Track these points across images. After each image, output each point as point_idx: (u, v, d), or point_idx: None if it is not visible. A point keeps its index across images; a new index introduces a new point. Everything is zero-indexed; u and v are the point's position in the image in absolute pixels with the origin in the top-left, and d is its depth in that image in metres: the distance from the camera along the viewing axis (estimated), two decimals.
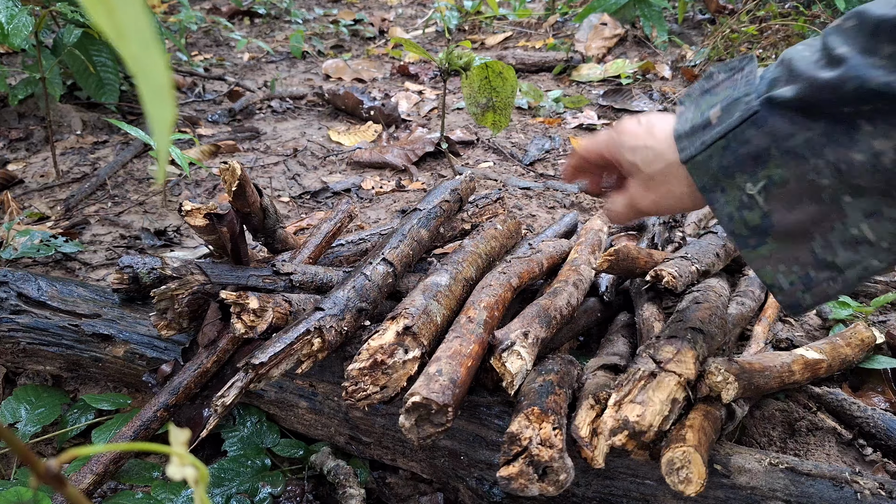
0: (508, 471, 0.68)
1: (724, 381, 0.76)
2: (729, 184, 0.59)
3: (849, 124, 0.53)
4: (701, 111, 0.62)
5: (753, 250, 0.60)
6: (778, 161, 0.56)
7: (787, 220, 0.58)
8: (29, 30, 1.57)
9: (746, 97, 0.58)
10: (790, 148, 0.56)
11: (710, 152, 0.59)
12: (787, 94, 0.56)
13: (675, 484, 0.68)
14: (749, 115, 0.57)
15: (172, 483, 0.88)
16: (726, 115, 0.59)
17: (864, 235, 0.55)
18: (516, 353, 0.80)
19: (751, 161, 0.57)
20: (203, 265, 0.94)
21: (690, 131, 0.62)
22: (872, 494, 0.73)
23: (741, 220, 0.60)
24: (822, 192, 0.55)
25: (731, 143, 0.58)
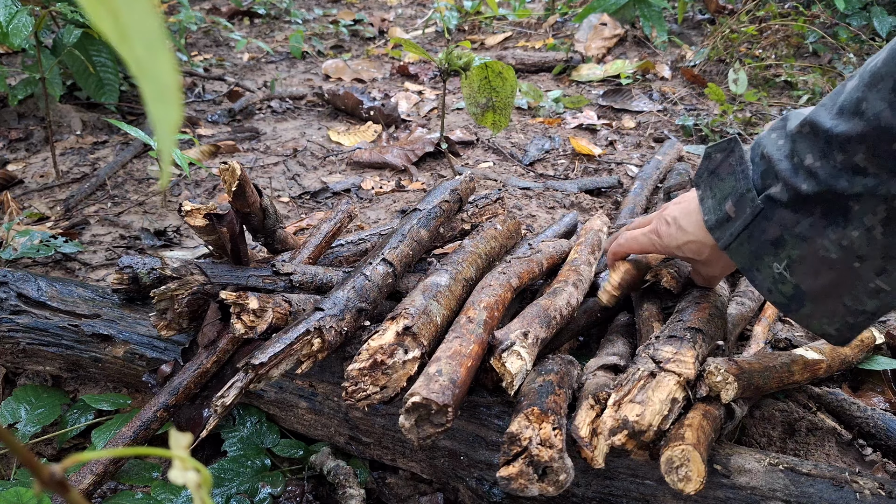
0: (508, 471, 0.68)
1: (724, 380, 0.76)
2: (760, 264, 0.71)
3: (842, 207, 0.64)
4: (717, 202, 0.75)
5: (797, 312, 0.71)
6: (792, 244, 0.67)
7: (815, 287, 0.68)
8: (29, 30, 1.57)
9: (749, 194, 0.71)
10: (798, 233, 0.67)
11: (740, 241, 0.72)
12: (782, 198, 0.68)
13: (674, 482, 0.68)
14: (758, 211, 0.69)
15: (172, 483, 0.88)
16: (740, 210, 0.71)
17: (880, 287, 0.65)
18: (516, 353, 0.80)
19: (771, 246, 0.69)
20: (203, 265, 0.94)
21: (717, 224, 0.75)
22: (872, 494, 0.73)
23: (779, 292, 0.71)
24: (834, 263, 0.66)
25: (753, 232, 0.70)
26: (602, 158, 2.06)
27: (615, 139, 2.21)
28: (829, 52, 2.81)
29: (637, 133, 2.28)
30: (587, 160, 2.05)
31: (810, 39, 2.78)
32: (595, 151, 2.07)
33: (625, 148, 2.16)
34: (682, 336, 0.80)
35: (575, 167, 2.01)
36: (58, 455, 0.99)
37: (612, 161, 2.04)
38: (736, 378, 0.77)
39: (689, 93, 2.61)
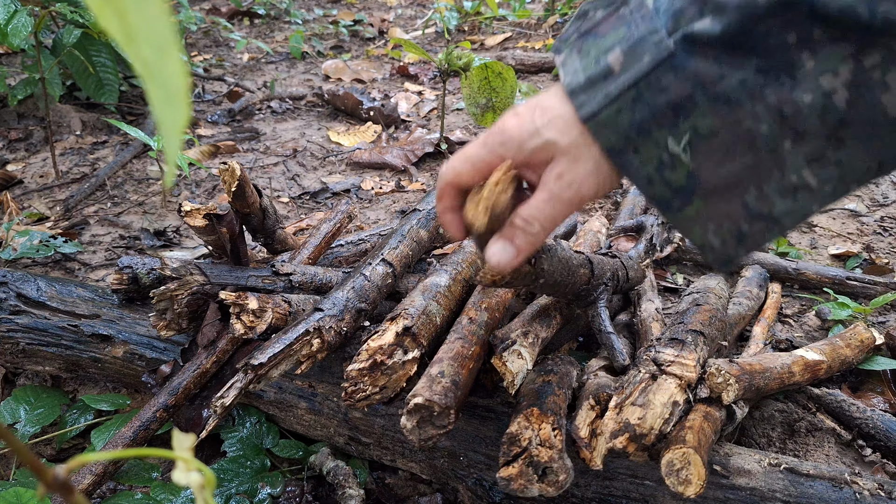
0: (508, 471, 0.68)
1: (725, 382, 0.76)
2: (644, 142, 0.49)
3: (788, 60, 0.45)
4: (593, 57, 0.50)
5: (678, 212, 0.51)
6: (705, 109, 0.47)
7: (716, 176, 0.49)
8: (28, 30, 1.57)
9: (653, 35, 0.48)
10: (720, 93, 0.46)
11: (618, 106, 0.49)
12: (712, 28, 0.46)
13: (674, 485, 0.68)
14: (663, 57, 0.47)
15: (172, 483, 0.88)
16: (631, 59, 0.48)
17: (804, 182, 0.48)
18: (517, 352, 0.80)
19: (670, 112, 0.48)
20: (202, 266, 0.94)
21: (587, 83, 0.50)
22: (871, 495, 0.73)
23: (662, 182, 0.50)
24: (758, 141, 0.47)
25: (643, 92, 0.48)
26: None
27: None
28: None
29: None
30: None
31: None
32: None
33: None
34: (683, 339, 0.80)
35: None
36: (57, 455, 0.99)
37: None
38: (737, 379, 0.77)
39: None
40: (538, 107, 0.54)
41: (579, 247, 1.15)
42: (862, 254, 1.47)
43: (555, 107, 0.53)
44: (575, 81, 0.51)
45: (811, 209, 0.49)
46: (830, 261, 1.48)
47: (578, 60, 0.52)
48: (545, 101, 0.54)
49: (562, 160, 0.54)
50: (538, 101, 0.55)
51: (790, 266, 1.36)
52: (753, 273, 1.29)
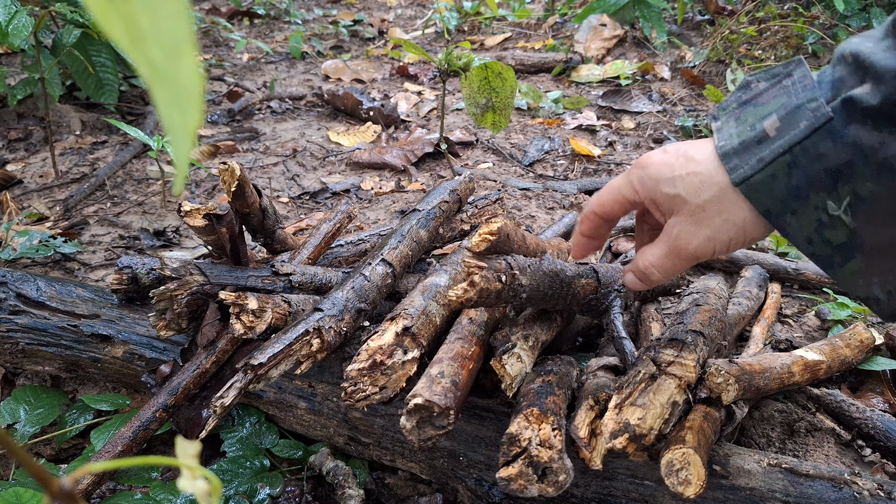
0: (508, 472, 0.68)
1: (725, 382, 0.76)
2: (802, 205, 0.50)
3: None
4: (749, 123, 0.52)
5: (840, 268, 0.52)
6: (866, 175, 0.47)
7: (879, 235, 0.50)
8: (28, 30, 1.57)
9: (811, 103, 0.49)
10: (882, 160, 0.46)
11: (772, 171, 0.50)
12: (872, 95, 0.46)
13: (674, 485, 0.68)
14: (821, 123, 0.48)
15: (172, 483, 0.88)
16: (787, 125, 0.49)
17: None
18: (516, 355, 0.80)
19: (829, 178, 0.48)
20: (202, 266, 0.94)
21: (741, 147, 0.52)
22: (871, 495, 0.73)
23: (822, 242, 0.51)
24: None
25: (799, 158, 0.49)
26: (601, 159, 2.06)
27: (615, 140, 2.21)
28: (829, 54, 2.81)
29: (636, 134, 2.28)
30: (587, 161, 2.05)
31: (810, 40, 2.78)
32: (594, 152, 2.07)
33: (624, 149, 2.16)
34: (683, 339, 0.80)
35: (574, 168, 2.01)
36: (57, 455, 0.99)
37: (611, 162, 2.04)
38: (737, 380, 0.77)
39: (688, 94, 2.61)
40: (686, 154, 0.56)
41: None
42: None
43: (700, 161, 0.55)
44: (728, 145, 0.53)
45: None
46: None
47: (735, 126, 0.53)
48: (694, 151, 0.56)
49: (683, 218, 0.57)
50: (689, 148, 0.57)
51: (790, 266, 1.36)
52: (753, 273, 1.29)
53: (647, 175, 0.58)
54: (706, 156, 0.55)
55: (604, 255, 1.33)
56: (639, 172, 0.59)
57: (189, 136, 0.20)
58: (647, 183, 0.58)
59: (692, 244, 0.57)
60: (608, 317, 0.91)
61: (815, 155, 0.48)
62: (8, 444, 0.23)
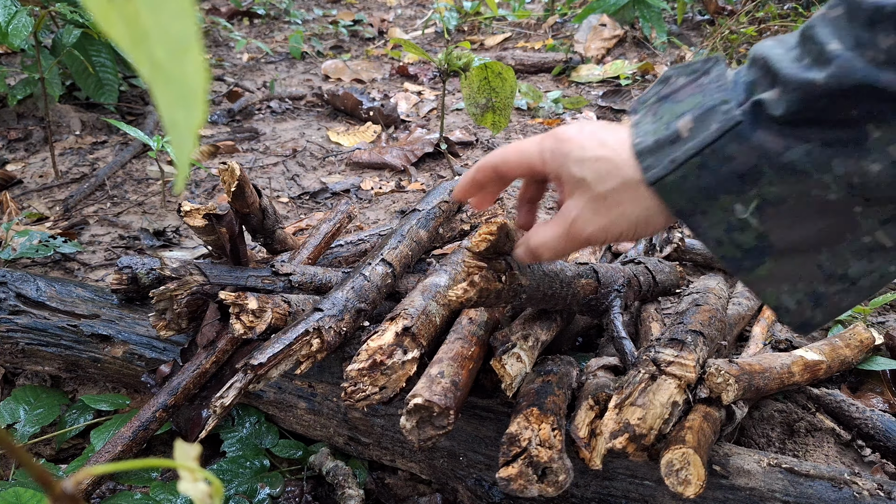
0: (508, 472, 0.68)
1: (725, 382, 0.76)
2: (711, 206, 0.50)
3: (855, 130, 0.46)
4: (664, 122, 0.52)
5: (750, 272, 0.52)
6: (772, 179, 0.48)
7: (787, 238, 0.50)
8: (28, 30, 1.57)
9: (723, 105, 0.50)
10: (787, 164, 0.47)
11: (684, 172, 0.50)
12: (775, 108, 0.47)
13: (674, 485, 0.68)
14: (729, 126, 0.48)
15: (171, 483, 0.88)
16: (700, 127, 0.50)
17: (878, 243, 0.49)
18: (516, 355, 0.80)
19: (737, 180, 0.49)
20: (202, 266, 0.94)
21: (655, 146, 0.52)
22: (871, 495, 0.73)
23: (732, 244, 0.51)
24: (828, 207, 0.48)
25: (709, 160, 0.49)
26: None
27: None
28: None
29: None
30: None
31: None
32: None
33: None
34: (683, 339, 0.80)
35: None
36: (57, 455, 0.99)
37: None
38: (737, 380, 0.77)
39: None
40: (599, 138, 0.56)
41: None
42: None
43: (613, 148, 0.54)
44: (644, 143, 0.52)
45: (889, 270, 0.49)
46: None
47: (651, 123, 0.53)
48: (609, 137, 0.55)
49: (583, 203, 0.56)
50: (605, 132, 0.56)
51: None
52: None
53: (560, 150, 0.57)
54: (619, 145, 0.54)
55: (604, 255, 1.33)
56: (552, 144, 0.58)
57: (192, 136, 0.20)
58: (558, 158, 0.57)
59: (587, 230, 0.57)
60: (608, 317, 0.91)
61: (723, 157, 0.49)
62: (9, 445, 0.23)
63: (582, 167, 0.55)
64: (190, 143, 0.20)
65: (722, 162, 0.49)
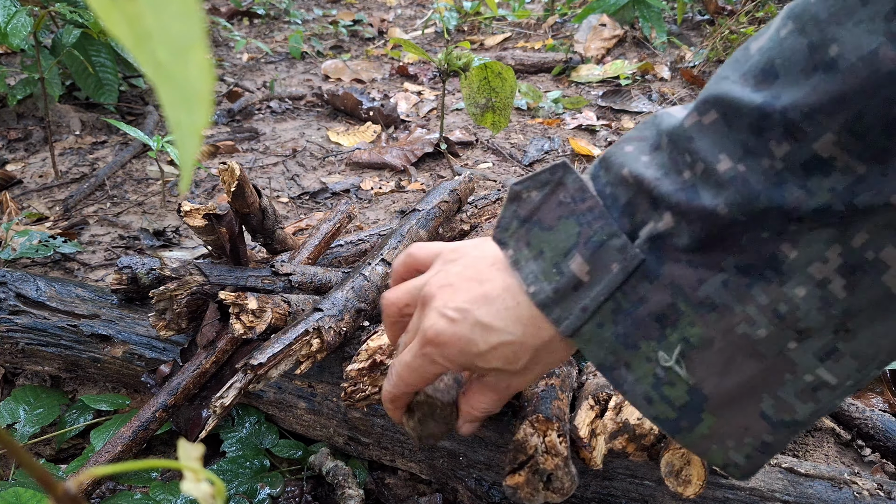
0: (515, 480, 0.68)
1: None
2: (634, 357, 0.44)
3: (767, 253, 0.40)
4: (550, 261, 0.46)
5: (690, 433, 0.45)
6: (691, 318, 0.42)
7: (721, 389, 0.43)
8: (28, 30, 1.57)
9: (613, 240, 0.44)
10: (704, 299, 0.42)
11: (599, 319, 0.45)
12: (676, 234, 0.42)
13: (674, 485, 0.68)
14: (634, 266, 0.43)
15: (171, 483, 0.88)
16: (598, 268, 0.44)
17: (822, 381, 0.42)
18: None
19: (655, 323, 0.43)
20: (202, 266, 0.94)
21: (557, 297, 0.46)
22: (871, 495, 0.73)
23: (664, 401, 0.45)
24: (759, 346, 0.42)
25: (621, 304, 0.44)
26: None
27: (614, 140, 2.21)
28: None
29: None
30: (586, 161, 2.05)
31: None
32: (594, 152, 2.07)
33: None
34: None
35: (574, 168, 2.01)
36: (57, 455, 0.99)
37: None
38: None
39: (688, 94, 2.61)
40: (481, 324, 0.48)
41: None
42: None
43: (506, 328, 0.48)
44: (542, 293, 0.46)
45: (836, 404, 0.44)
46: None
47: (533, 260, 0.47)
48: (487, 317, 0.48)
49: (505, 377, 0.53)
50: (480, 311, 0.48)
51: None
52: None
53: (451, 354, 0.50)
54: (509, 316, 0.48)
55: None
56: (438, 351, 0.50)
57: (196, 137, 0.20)
58: (457, 359, 0.50)
59: (517, 387, 0.54)
60: None
61: (636, 298, 0.43)
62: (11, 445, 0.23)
63: (485, 361, 0.50)
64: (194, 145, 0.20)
65: (635, 304, 0.44)
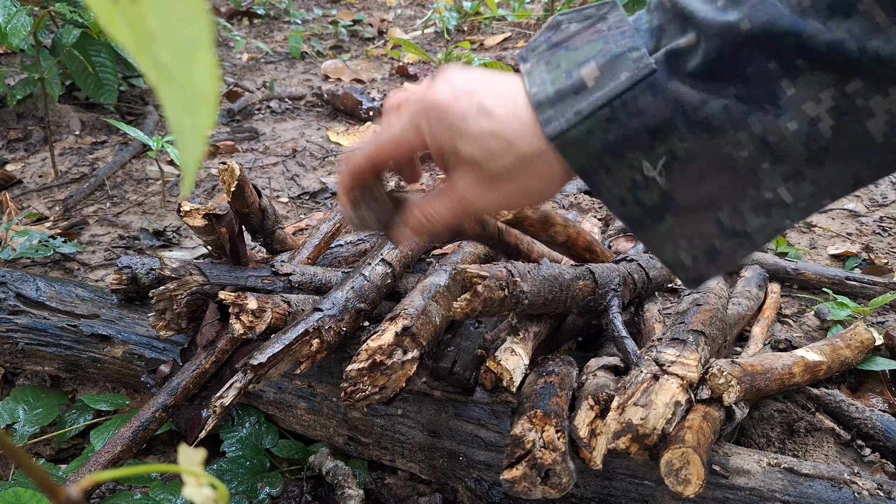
0: (512, 474, 0.68)
1: (727, 383, 0.76)
2: (617, 163, 0.46)
3: (769, 86, 0.43)
4: (563, 70, 0.46)
5: (649, 230, 0.49)
6: (684, 134, 0.44)
7: (690, 196, 0.47)
8: (27, 30, 1.57)
9: (633, 52, 0.44)
10: (702, 119, 0.44)
11: (590, 125, 0.45)
12: (692, 51, 0.43)
13: (673, 485, 0.68)
14: (642, 75, 0.44)
15: (171, 484, 0.88)
16: (607, 75, 0.45)
17: (779, 199, 0.46)
18: (509, 349, 0.80)
19: (647, 135, 0.45)
20: (202, 266, 0.94)
21: (556, 97, 0.46)
22: (871, 495, 0.73)
23: (635, 202, 0.47)
24: (736, 164, 0.45)
25: (618, 112, 0.44)
26: None
27: None
28: None
29: None
30: None
31: None
32: None
33: None
34: (684, 339, 0.80)
35: None
36: (56, 455, 0.99)
37: None
38: (739, 381, 0.77)
39: None
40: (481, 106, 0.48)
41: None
42: (861, 254, 1.47)
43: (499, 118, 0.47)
44: (542, 93, 0.46)
45: (784, 224, 0.47)
46: (829, 261, 1.48)
47: (546, 72, 0.47)
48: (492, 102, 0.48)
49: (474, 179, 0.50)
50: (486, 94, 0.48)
51: (789, 266, 1.36)
52: (753, 273, 1.29)
53: (440, 122, 0.49)
54: (509, 108, 0.47)
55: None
56: (427, 117, 0.49)
57: (200, 139, 0.20)
58: (439, 133, 0.49)
59: (479, 205, 0.52)
60: (607, 317, 0.91)
61: (634, 110, 0.44)
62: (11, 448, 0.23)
63: (468, 144, 0.48)
64: (197, 148, 0.20)
65: (632, 115, 0.44)
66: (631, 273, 1.00)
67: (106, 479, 0.25)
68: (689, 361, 0.75)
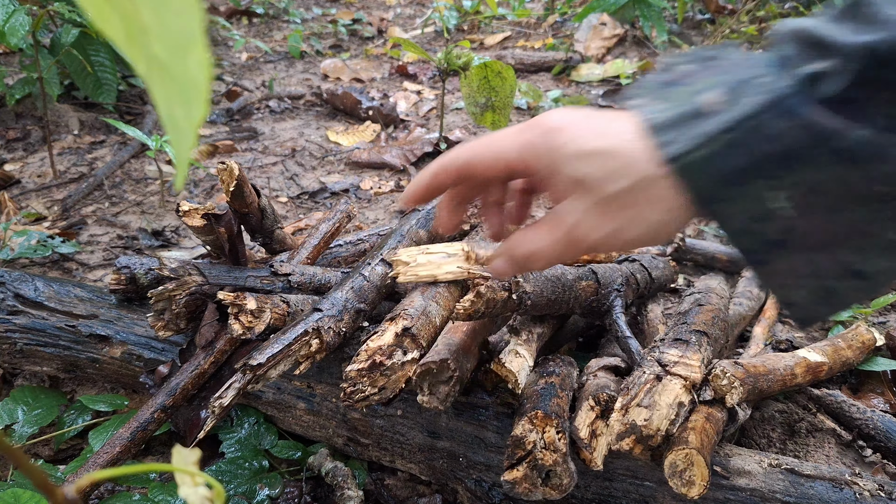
0: (513, 475, 0.67)
1: (730, 384, 0.76)
2: (739, 192, 0.42)
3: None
4: (682, 100, 0.44)
5: (765, 266, 0.46)
6: (818, 164, 0.40)
7: (814, 232, 0.43)
8: (26, 29, 1.56)
9: (760, 77, 0.41)
10: (844, 149, 0.40)
11: (712, 149, 0.41)
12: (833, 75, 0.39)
13: (678, 486, 0.67)
14: (775, 98, 0.40)
15: (170, 484, 0.87)
16: (735, 99, 0.41)
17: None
18: (514, 351, 0.80)
19: (776, 163, 0.41)
20: (201, 266, 0.94)
21: (678, 119, 0.43)
22: (872, 496, 0.73)
23: (755, 235, 0.44)
24: (866, 199, 0.41)
25: (746, 137, 0.41)
26: None
27: None
28: None
29: None
30: None
31: None
32: None
33: None
34: (687, 339, 0.80)
35: None
36: (55, 456, 0.99)
37: None
38: (742, 382, 0.76)
39: None
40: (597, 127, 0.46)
41: None
42: None
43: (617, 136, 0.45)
44: (661, 117, 0.44)
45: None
46: None
47: (661, 104, 0.45)
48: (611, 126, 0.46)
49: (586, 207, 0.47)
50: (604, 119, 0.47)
51: None
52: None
53: (548, 143, 0.46)
54: (624, 134, 0.45)
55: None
56: (537, 137, 0.47)
57: (192, 133, 0.20)
58: (547, 154, 0.46)
59: (591, 237, 0.47)
60: (610, 317, 0.90)
61: (763, 135, 0.41)
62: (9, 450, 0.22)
63: (581, 164, 0.45)
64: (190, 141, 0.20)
65: (762, 140, 0.41)
66: (633, 273, 0.99)
67: (103, 478, 0.25)
68: (692, 362, 0.75)
